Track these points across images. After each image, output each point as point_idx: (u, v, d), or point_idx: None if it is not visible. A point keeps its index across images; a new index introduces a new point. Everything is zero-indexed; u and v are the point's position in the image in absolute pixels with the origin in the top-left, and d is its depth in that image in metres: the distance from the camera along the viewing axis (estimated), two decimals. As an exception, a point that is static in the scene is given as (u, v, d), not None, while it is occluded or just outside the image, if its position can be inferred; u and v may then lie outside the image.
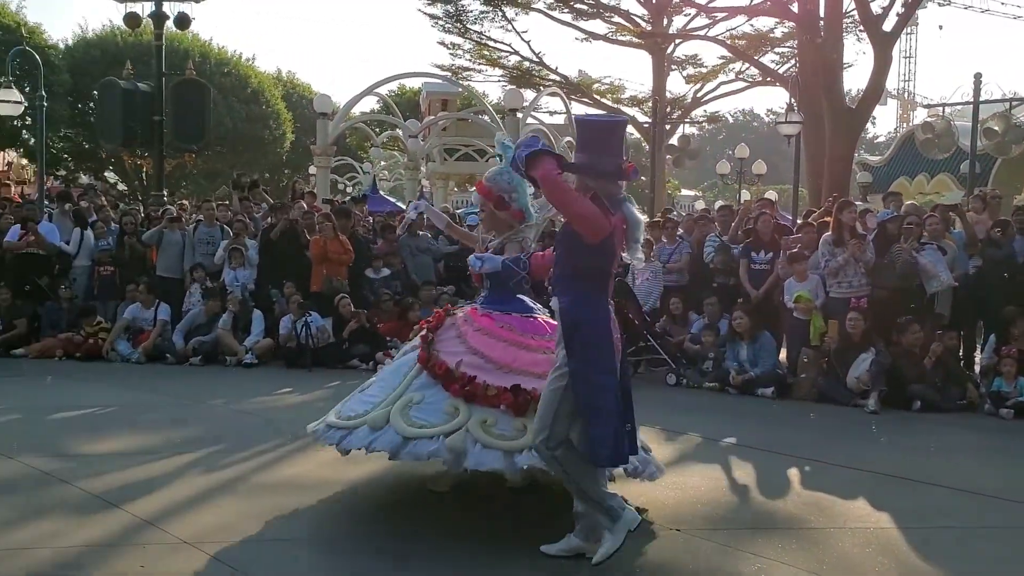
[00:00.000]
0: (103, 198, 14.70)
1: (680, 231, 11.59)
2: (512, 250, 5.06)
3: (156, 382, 9.55)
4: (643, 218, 4.43)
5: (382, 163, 36.98)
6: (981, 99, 19.63)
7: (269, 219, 12.20)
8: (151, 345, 10.78)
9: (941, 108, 23.40)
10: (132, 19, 15.21)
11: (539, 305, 5.18)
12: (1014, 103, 22.61)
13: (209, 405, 8.31)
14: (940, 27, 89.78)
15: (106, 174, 35.03)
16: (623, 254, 4.29)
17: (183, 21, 14.94)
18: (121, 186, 33.29)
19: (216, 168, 35.23)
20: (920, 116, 42.39)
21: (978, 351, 9.89)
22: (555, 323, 4.44)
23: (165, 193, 15.50)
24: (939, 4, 35.83)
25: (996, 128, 19.87)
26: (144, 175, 29.93)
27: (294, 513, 5.02)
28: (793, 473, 6.17)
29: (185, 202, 16.60)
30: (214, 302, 10.87)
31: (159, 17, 14.64)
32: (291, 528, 4.80)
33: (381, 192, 33.59)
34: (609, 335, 4.23)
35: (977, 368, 9.55)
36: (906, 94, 61.31)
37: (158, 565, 4.19)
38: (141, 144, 15.58)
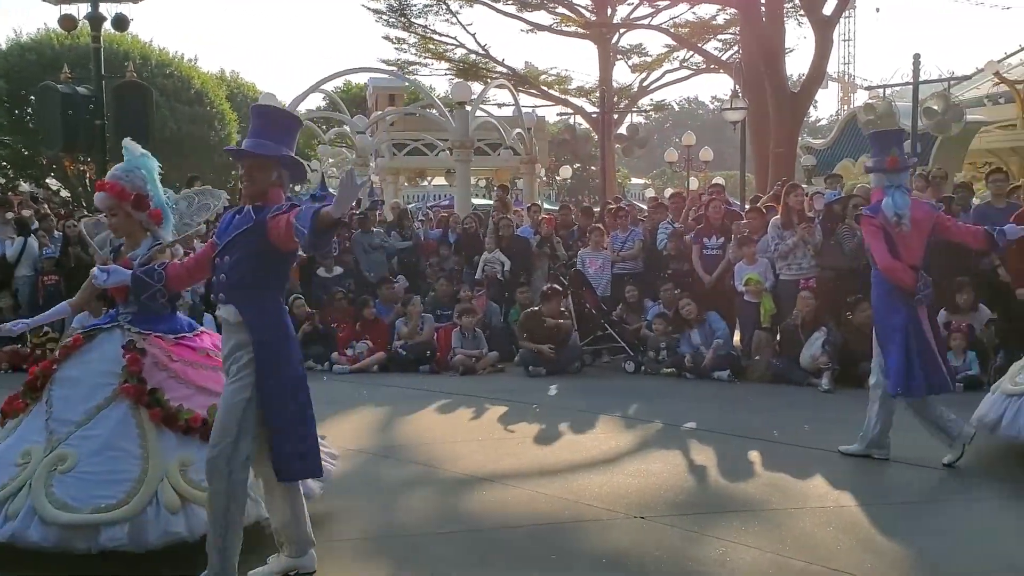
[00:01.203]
0: (46, 205, 14.38)
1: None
2: (161, 258, 4.62)
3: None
4: None
5: (330, 160, 36.69)
6: (920, 80, 19.98)
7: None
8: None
9: (881, 90, 23.79)
10: (67, 21, 14.82)
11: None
12: (952, 82, 23.08)
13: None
14: (877, 10, 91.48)
15: (48, 181, 34.26)
16: None
17: (121, 22, 14.59)
18: (64, 192, 32.61)
19: (161, 171, 34.66)
20: (861, 98, 43.13)
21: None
22: (217, 335, 4.17)
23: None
24: (876, -13, 36.38)
25: (935, 108, 20.24)
26: (88, 181, 29.33)
27: (254, 519, 4.96)
28: (753, 455, 6.25)
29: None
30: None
31: (96, 19, 14.28)
32: (253, 535, 4.73)
33: (331, 190, 33.31)
34: (296, 344, 4.07)
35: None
36: (847, 77, 62.43)
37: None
38: (83, 149, 15.23)
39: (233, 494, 3.83)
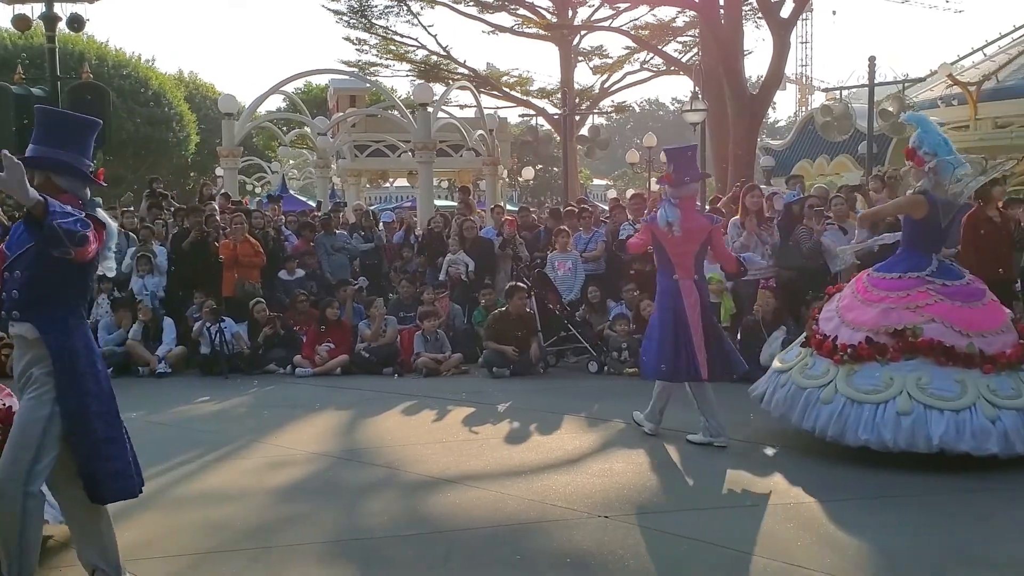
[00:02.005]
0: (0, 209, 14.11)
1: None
2: None
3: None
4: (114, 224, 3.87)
5: (291, 162, 36.43)
6: (875, 82, 20.29)
7: (177, 225, 11.88)
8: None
9: (838, 91, 24.11)
10: (21, 21, 14.56)
11: None
12: (906, 84, 23.46)
13: (124, 418, 8.03)
14: (834, 12, 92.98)
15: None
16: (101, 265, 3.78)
17: (77, 22, 14.36)
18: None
19: (119, 173, 34.15)
20: (818, 100, 43.74)
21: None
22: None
23: (66, 201, 14.93)
24: (832, -10, 36.88)
25: (891, 109, 20.58)
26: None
27: (219, 525, 4.94)
28: (714, 454, 6.31)
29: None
30: (124, 312, 10.55)
31: (50, 19, 14.06)
32: (217, 540, 4.71)
33: (291, 191, 33.10)
34: (99, 357, 3.85)
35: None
36: (804, 79, 63.23)
37: (79, 587, 4.07)
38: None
39: (28, 518, 3.58)
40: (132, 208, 13.41)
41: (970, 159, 6.60)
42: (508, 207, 20.49)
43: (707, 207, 13.02)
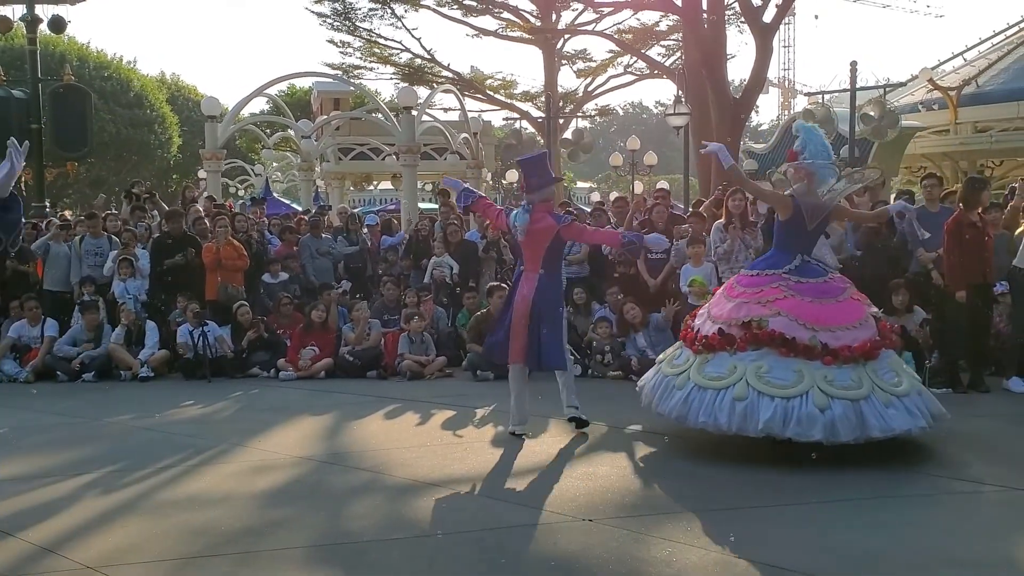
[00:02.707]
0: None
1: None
2: None
3: (48, 401, 9.16)
4: None
5: (274, 165, 36.31)
6: (857, 86, 20.45)
7: (163, 227, 11.81)
8: (40, 363, 10.35)
9: (820, 95, 24.30)
10: (2, 22, 14.51)
11: None
12: (888, 89, 23.66)
13: (106, 422, 8.02)
14: (816, 17, 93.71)
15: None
16: None
17: (58, 24, 14.32)
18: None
19: (101, 176, 34.02)
20: (801, 103, 43.98)
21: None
22: None
23: (47, 204, 14.87)
24: (814, -6, 37.15)
25: (872, 113, 20.77)
26: (23, 185, 28.61)
27: (202, 529, 4.92)
28: (698, 457, 6.33)
29: (67, 212, 15.96)
30: (91, 315, 10.48)
31: (32, 20, 14.00)
32: (200, 545, 4.69)
33: (275, 194, 32.97)
34: None
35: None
36: (787, 82, 63.59)
37: (61, 592, 4.05)
38: (18, 153, 14.88)
39: None
40: (112, 211, 13.29)
41: (849, 172, 7.00)
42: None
43: (690, 210, 13.07)
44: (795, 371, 6.03)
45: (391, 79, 36.17)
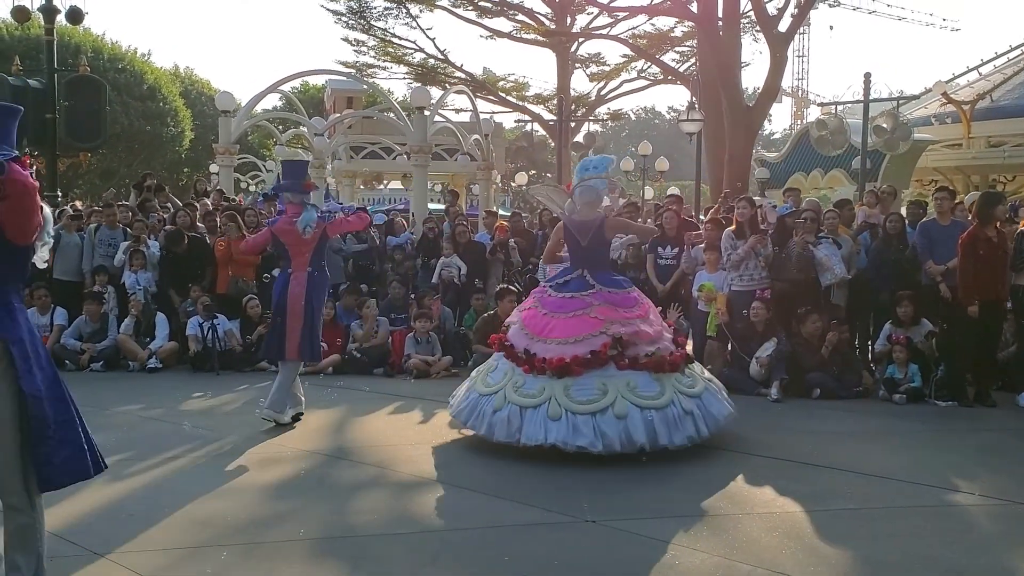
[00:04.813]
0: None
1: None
2: None
3: (55, 390, 9.20)
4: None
5: (286, 161, 36.24)
6: (871, 98, 20.42)
7: (176, 221, 11.86)
8: (49, 351, 10.38)
9: (833, 106, 24.23)
10: (21, 13, 14.57)
11: None
12: (901, 101, 23.61)
13: (114, 412, 8.05)
14: (831, 27, 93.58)
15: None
16: None
17: (76, 15, 14.35)
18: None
19: (112, 167, 34.14)
20: (814, 114, 43.90)
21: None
22: None
23: (59, 194, 14.93)
24: (830, 5, 37.25)
25: (885, 125, 20.71)
26: (36, 175, 28.73)
27: (208, 520, 4.95)
28: (701, 461, 6.35)
29: (78, 203, 16.02)
30: (93, 305, 10.53)
31: (50, 11, 14.05)
32: (206, 535, 4.73)
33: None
34: (39, 339, 3.71)
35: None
36: (800, 92, 63.46)
37: (68, 577, 4.09)
38: (32, 143, 14.98)
39: (42, 520, 3.55)
40: (124, 203, 13.35)
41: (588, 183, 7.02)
42: (500, 212, 20.52)
43: (703, 216, 13.08)
44: (540, 386, 6.35)
45: (404, 79, 36.30)
